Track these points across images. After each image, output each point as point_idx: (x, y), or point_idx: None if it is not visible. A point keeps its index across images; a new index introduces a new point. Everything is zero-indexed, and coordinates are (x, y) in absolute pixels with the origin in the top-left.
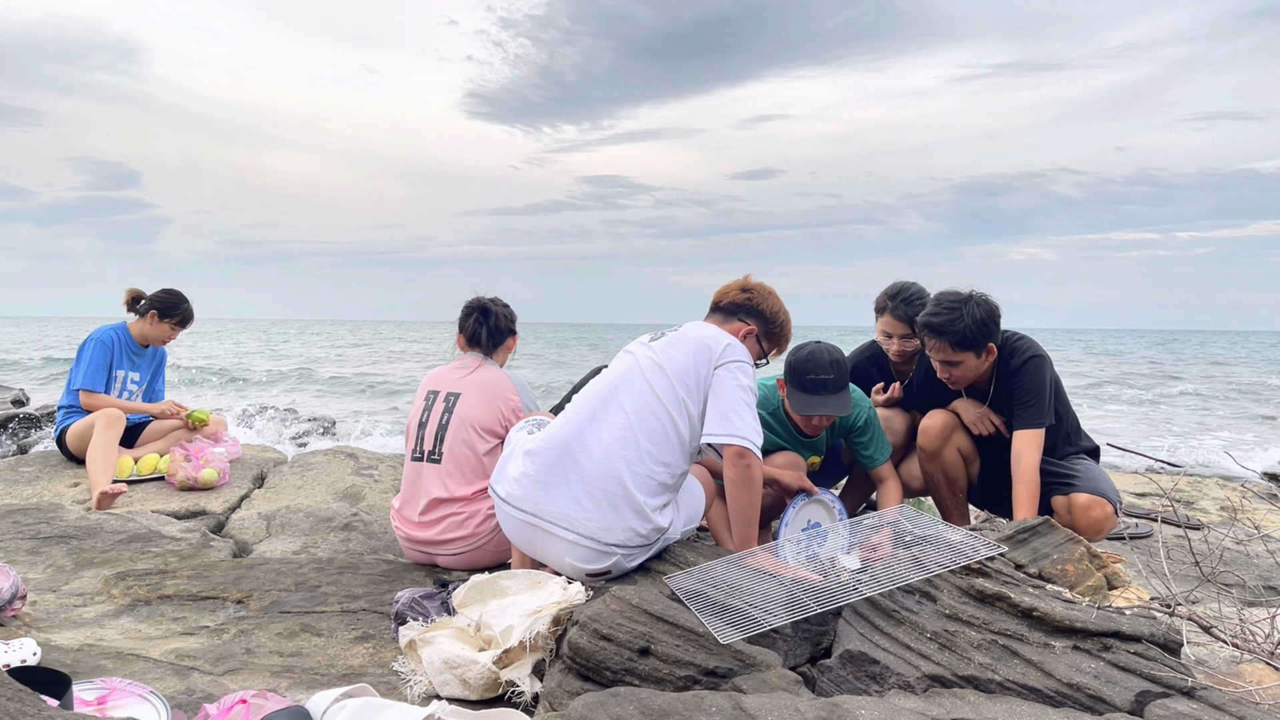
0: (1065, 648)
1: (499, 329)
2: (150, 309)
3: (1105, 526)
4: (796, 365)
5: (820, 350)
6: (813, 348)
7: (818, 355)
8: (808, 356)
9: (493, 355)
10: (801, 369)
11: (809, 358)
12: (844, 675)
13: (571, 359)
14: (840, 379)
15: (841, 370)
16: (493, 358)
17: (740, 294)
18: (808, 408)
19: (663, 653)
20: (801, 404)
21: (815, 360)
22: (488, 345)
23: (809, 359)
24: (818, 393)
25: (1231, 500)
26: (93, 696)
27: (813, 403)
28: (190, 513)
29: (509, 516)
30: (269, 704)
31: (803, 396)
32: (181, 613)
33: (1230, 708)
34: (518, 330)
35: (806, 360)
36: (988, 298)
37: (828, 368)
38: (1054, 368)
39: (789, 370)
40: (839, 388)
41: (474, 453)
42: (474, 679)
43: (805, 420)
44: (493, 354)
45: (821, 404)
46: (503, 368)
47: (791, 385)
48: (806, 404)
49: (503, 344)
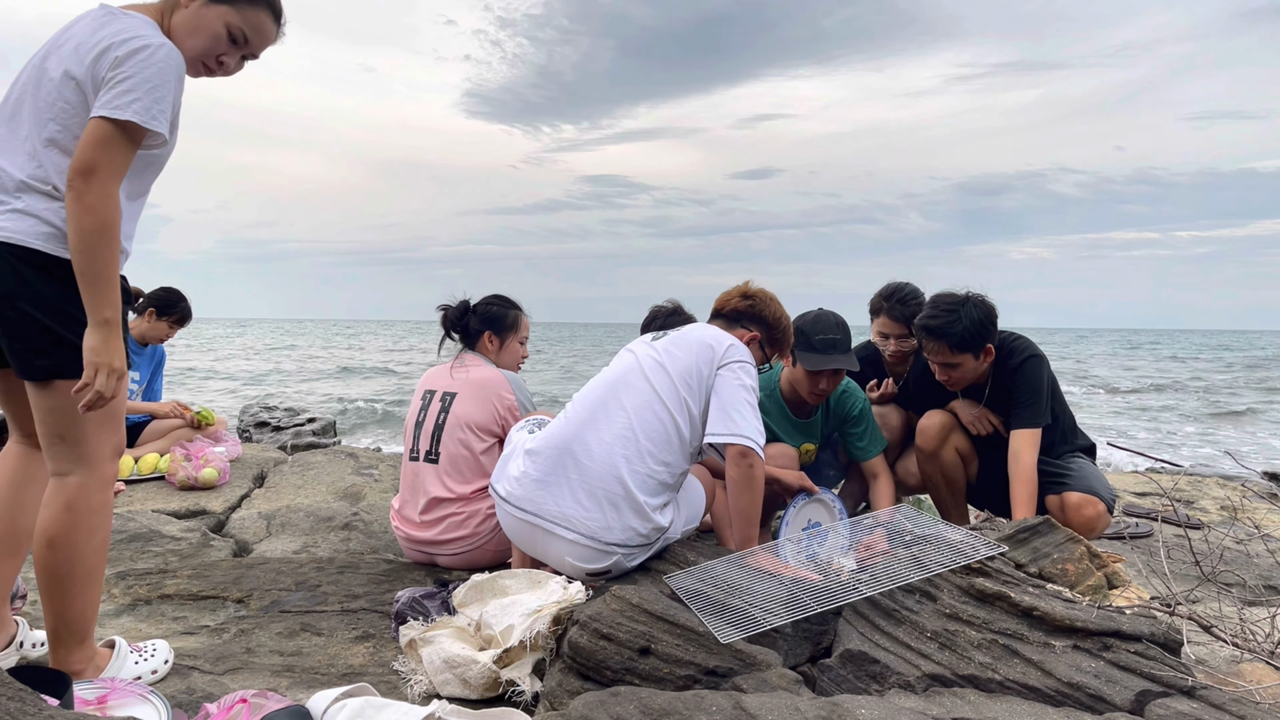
0: (1065, 647)
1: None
2: (148, 307)
3: (1098, 525)
4: (805, 328)
5: (825, 313)
6: (818, 312)
7: (824, 317)
8: (815, 319)
9: (481, 352)
10: (811, 330)
11: (816, 320)
12: (844, 675)
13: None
14: (846, 339)
15: (846, 331)
16: (490, 356)
17: (742, 300)
18: (819, 364)
19: (663, 652)
20: (813, 362)
21: (823, 321)
22: (468, 342)
23: (816, 321)
24: (827, 351)
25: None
26: (93, 696)
27: (824, 360)
28: (190, 512)
29: (509, 516)
30: (269, 703)
31: (813, 356)
32: (182, 612)
33: (1230, 707)
34: (519, 327)
35: (814, 323)
36: (985, 299)
37: (835, 328)
38: (1050, 367)
39: (797, 334)
40: (846, 347)
41: (470, 452)
42: (474, 678)
43: (812, 387)
44: (476, 350)
45: (832, 360)
46: (512, 365)
47: (800, 348)
48: (818, 361)
49: (480, 341)
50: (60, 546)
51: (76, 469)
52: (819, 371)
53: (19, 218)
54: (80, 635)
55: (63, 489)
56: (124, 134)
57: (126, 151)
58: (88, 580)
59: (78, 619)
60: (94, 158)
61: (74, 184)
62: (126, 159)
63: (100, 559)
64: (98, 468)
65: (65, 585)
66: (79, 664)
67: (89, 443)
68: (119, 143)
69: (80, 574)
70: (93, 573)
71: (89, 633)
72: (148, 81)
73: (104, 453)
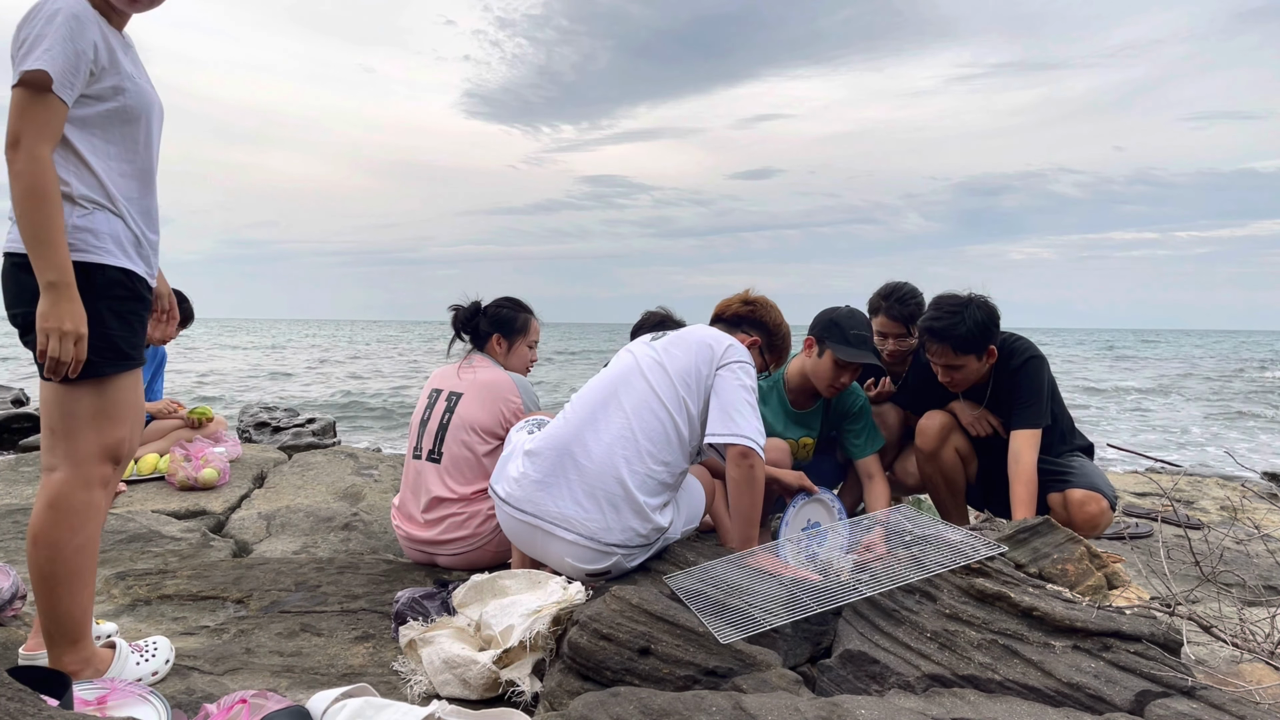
0: (1065, 647)
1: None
2: None
3: (1101, 522)
4: (841, 321)
5: (858, 311)
6: (850, 309)
7: (858, 315)
8: (850, 314)
9: (490, 354)
10: (847, 324)
11: (851, 315)
12: (844, 675)
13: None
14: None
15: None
16: (498, 358)
17: (743, 306)
18: (854, 356)
19: (663, 652)
20: (848, 354)
21: (857, 318)
22: (477, 343)
23: (851, 316)
24: (861, 347)
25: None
26: (92, 696)
27: (858, 354)
28: (190, 512)
29: (509, 517)
30: (269, 704)
31: (848, 349)
32: (181, 612)
33: (1230, 707)
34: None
35: (850, 317)
36: (987, 300)
37: (867, 327)
38: (1050, 368)
39: (830, 325)
40: (874, 347)
41: (473, 454)
42: (474, 679)
43: (835, 378)
44: (485, 352)
45: (865, 356)
46: (520, 368)
47: (835, 339)
48: (853, 354)
49: (489, 343)
50: (41, 545)
51: (62, 465)
52: (846, 364)
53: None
54: (71, 636)
55: (47, 485)
56: (32, 91)
57: (44, 107)
58: (72, 580)
59: (65, 619)
60: (15, 126)
61: (6, 156)
62: (48, 115)
63: (84, 560)
64: (82, 467)
65: (49, 584)
66: (73, 665)
67: (76, 439)
68: (31, 102)
69: (63, 574)
70: (77, 574)
71: (81, 635)
72: (35, 34)
73: (91, 451)
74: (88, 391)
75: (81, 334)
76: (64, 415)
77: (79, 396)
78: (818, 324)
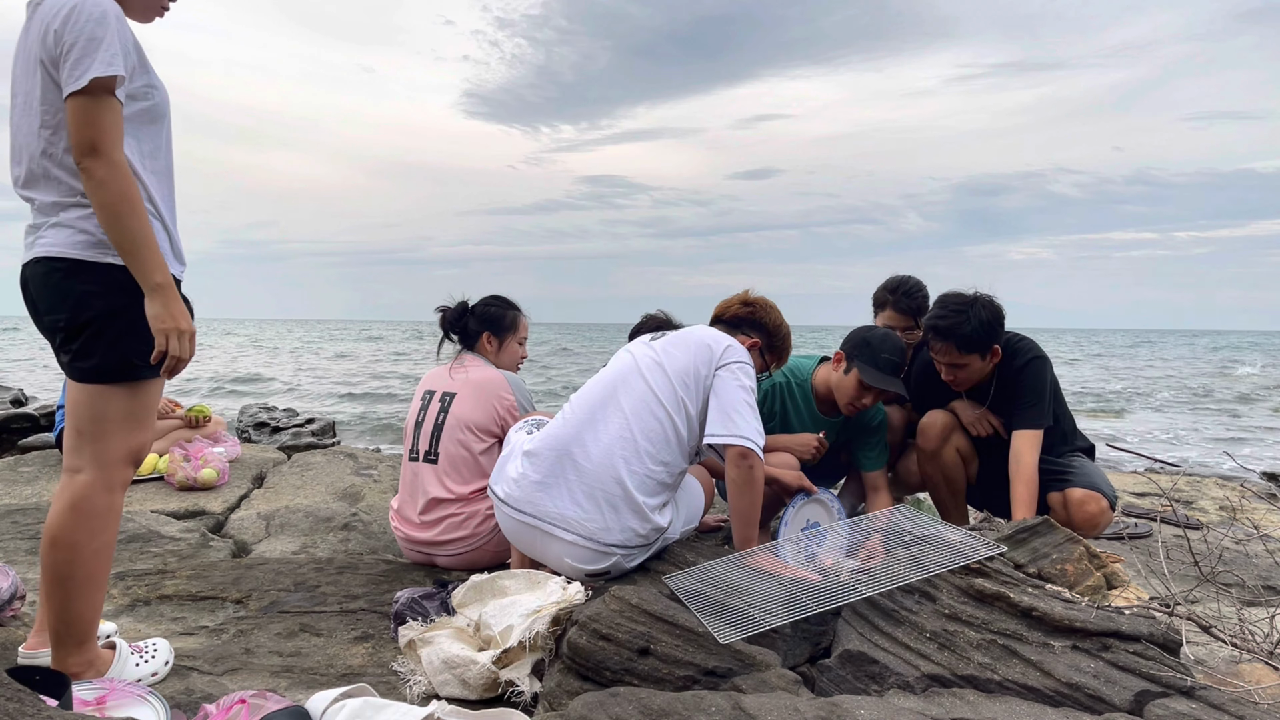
0: (1065, 647)
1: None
2: None
3: (1101, 521)
4: (874, 341)
5: (893, 335)
6: (885, 332)
7: (892, 338)
8: (884, 336)
9: (480, 353)
10: (879, 346)
11: (886, 339)
12: (843, 675)
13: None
14: (904, 366)
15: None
16: (489, 357)
17: (743, 307)
18: (881, 383)
19: (662, 653)
20: (875, 378)
21: (892, 342)
22: (467, 343)
23: (886, 340)
24: (891, 373)
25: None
26: (92, 696)
27: (885, 380)
28: (189, 513)
29: (508, 517)
30: (268, 704)
31: (876, 372)
32: (181, 613)
33: (1229, 707)
34: (517, 328)
35: (884, 340)
36: (993, 299)
37: (900, 353)
38: (1052, 368)
39: (862, 344)
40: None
41: (470, 453)
42: (473, 679)
43: (856, 398)
44: (475, 351)
45: (892, 383)
46: (511, 365)
47: (864, 360)
48: (880, 380)
49: (479, 342)
50: (61, 546)
51: (88, 467)
52: (870, 387)
53: (57, 231)
54: (79, 638)
55: (70, 486)
56: (97, 97)
57: (113, 111)
58: (88, 583)
59: (76, 621)
60: (90, 133)
61: (83, 166)
62: (114, 119)
63: (101, 563)
64: (108, 470)
65: (65, 586)
66: (77, 666)
67: (105, 442)
68: (98, 107)
69: (80, 576)
70: (93, 576)
71: (88, 636)
72: (88, 36)
73: (118, 455)
74: (121, 394)
75: (194, 331)
76: (94, 418)
77: (112, 399)
78: (850, 340)
